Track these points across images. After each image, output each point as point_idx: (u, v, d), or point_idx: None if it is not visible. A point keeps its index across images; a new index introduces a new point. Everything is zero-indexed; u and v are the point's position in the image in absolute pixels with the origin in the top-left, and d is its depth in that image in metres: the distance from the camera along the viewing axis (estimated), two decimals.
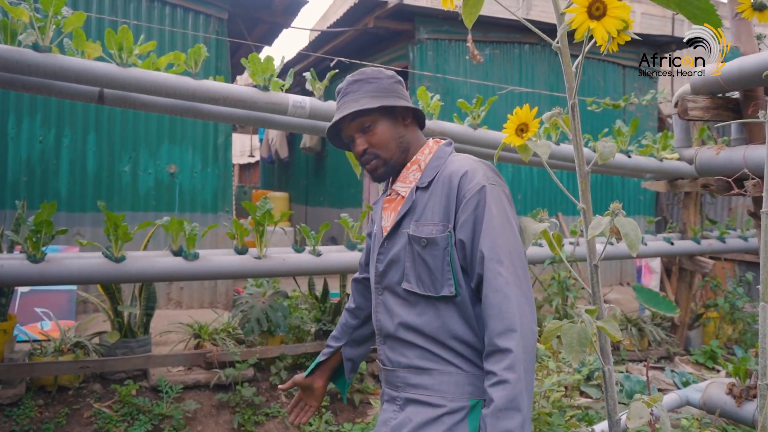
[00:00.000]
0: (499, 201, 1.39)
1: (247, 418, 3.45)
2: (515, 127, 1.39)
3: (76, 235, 5.05)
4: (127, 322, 3.65)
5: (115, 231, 2.90)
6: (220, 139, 5.67)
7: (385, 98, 1.46)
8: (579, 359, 1.27)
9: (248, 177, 16.80)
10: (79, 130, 5.10)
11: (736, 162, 2.25)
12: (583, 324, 1.28)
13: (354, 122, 1.47)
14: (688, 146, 2.72)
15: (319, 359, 1.70)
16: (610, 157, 1.36)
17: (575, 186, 1.37)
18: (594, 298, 1.39)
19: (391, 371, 1.46)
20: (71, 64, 2.70)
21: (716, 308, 5.74)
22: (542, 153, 1.33)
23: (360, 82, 1.48)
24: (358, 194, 8.14)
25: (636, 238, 1.24)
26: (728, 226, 6.20)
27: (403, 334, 1.42)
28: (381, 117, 1.47)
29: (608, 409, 1.41)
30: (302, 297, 4.48)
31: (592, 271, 1.40)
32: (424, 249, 1.39)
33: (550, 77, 7.67)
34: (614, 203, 1.31)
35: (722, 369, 5.19)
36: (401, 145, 1.49)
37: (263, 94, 3.22)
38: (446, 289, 1.37)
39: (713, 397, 2.48)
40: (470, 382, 1.37)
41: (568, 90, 1.40)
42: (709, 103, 2.28)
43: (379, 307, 1.50)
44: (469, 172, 1.40)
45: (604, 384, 1.40)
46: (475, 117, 3.98)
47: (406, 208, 1.46)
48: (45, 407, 3.25)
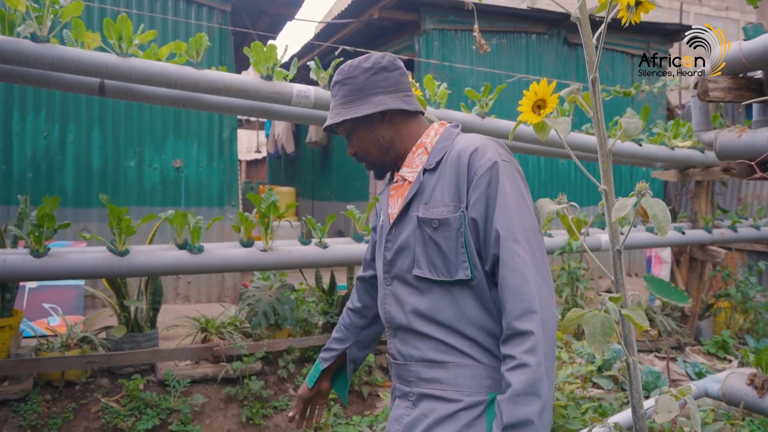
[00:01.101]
0: (513, 178, 1.30)
1: (255, 411, 3.38)
2: (531, 104, 1.29)
3: (82, 230, 5.00)
4: (134, 316, 3.58)
5: (119, 225, 2.83)
6: (225, 133, 5.59)
7: (355, 103, 1.38)
8: (603, 350, 1.17)
9: (255, 173, 16.74)
10: (83, 125, 5.03)
11: (759, 144, 2.14)
12: (607, 313, 1.19)
13: (338, 130, 1.44)
14: (708, 129, 2.60)
15: (323, 366, 1.61)
16: (635, 134, 1.25)
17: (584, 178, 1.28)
18: (617, 285, 1.29)
19: (403, 365, 1.36)
20: (70, 55, 2.62)
21: (728, 298, 5.61)
22: (562, 131, 1.23)
23: (338, 85, 1.42)
24: (365, 187, 8.04)
25: (665, 219, 1.14)
26: (740, 215, 6.05)
27: (415, 324, 1.32)
28: (355, 125, 1.41)
29: (633, 402, 1.31)
30: (309, 290, 4.40)
31: (615, 257, 1.30)
32: (435, 231, 1.29)
33: (557, 67, 7.53)
34: (640, 183, 1.21)
35: (734, 359, 5.08)
36: (382, 147, 1.42)
37: (266, 83, 3.13)
38: (461, 272, 1.27)
39: (733, 388, 2.38)
40: (489, 374, 1.28)
41: (589, 63, 1.30)
42: (730, 84, 2.17)
43: (388, 298, 1.40)
44: (480, 149, 1.31)
45: (629, 376, 1.30)
46: (483, 105, 3.88)
47: (413, 191, 1.36)
48: (52, 402, 3.18)
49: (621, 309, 1.21)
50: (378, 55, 1.43)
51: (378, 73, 1.40)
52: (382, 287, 1.42)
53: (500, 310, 1.29)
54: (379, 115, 1.40)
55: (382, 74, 1.40)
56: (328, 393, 1.66)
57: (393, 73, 1.41)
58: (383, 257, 1.42)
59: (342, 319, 1.66)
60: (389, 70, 1.41)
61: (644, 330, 1.12)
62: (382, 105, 1.37)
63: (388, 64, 1.41)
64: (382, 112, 1.40)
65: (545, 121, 1.27)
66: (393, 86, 1.40)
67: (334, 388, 1.66)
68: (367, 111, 1.36)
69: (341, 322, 1.66)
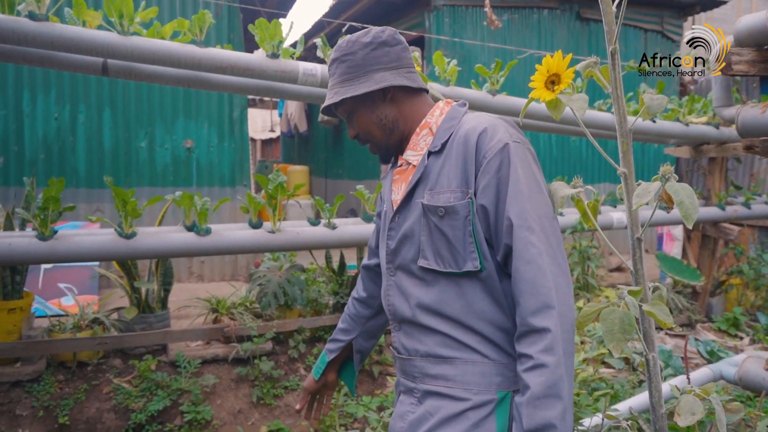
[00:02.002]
0: (525, 160, 1.16)
1: (266, 391, 3.32)
2: (545, 80, 1.15)
3: (96, 211, 4.94)
4: (145, 297, 3.52)
5: (124, 207, 2.74)
6: (235, 113, 5.46)
7: (354, 81, 1.25)
8: (621, 348, 1.05)
9: (270, 152, 16.66)
10: (93, 106, 4.94)
11: None
12: (626, 308, 1.07)
13: (337, 111, 1.31)
14: (729, 105, 2.43)
15: (330, 358, 1.51)
16: (659, 111, 1.11)
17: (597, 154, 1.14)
18: (637, 276, 1.17)
19: (408, 360, 1.25)
20: (70, 34, 2.50)
21: (740, 275, 5.45)
22: (578, 108, 1.09)
23: (336, 63, 1.28)
24: (377, 166, 7.90)
25: (692, 206, 1.01)
26: (753, 191, 5.84)
27: (421, 318, 1.21)
28: (355, 104, 1.28)
29: (652, 401, 1.19)
30: (319, 270, 4.31)
31: (635, 246, 1.18)
32: (441, 219, 1.17)
33: (570, 43, 7.26)
34: (664, 166, 1.07)
35: (745, 336, 4.94)
36: (385, 128, 1.29)
37: (272, 61, 2.99)
38: (470, 263, 1.15)
39: (751, 373, 2.26)
40: (498, 372, 1.17)
41: (608, 33, 1.16)
42: (755, 56, 2.00)
43: (391, 289, 1.28)
44: (489, 129, 1.17)
45: (648, 373, 1.18)
46: (494, 83, 3.70)
47: (417, 175, 1.23)
48: (65, 383, 3.15)
49: (642, 304, 1.09)
50: (377, 30, 1.29)
51: (378, 48, 1.26)
52: (386, 277, 1.31)
53: (512, 303, 1.17)
54: (381, 93, 1.27)
55: (382, 49, 1.27)
56: (335, 384, 1.56)
57: (394, 48, 1.28)
58: (386, 246, 1.30)
59: (347, 309, 1.56)
60: (390, 44, 1.27)
61: (668, 327, 1.00)
62: (384, 81, 1.24)
63: (389, 38, 1.28)
64: (384, 89, 1.27)
65: (560, 97, 1.13)
66: (395, 62, 1.27)
67: (341, 378, 1.57)
68: (368, 88, 1.23)
69: (346, 312, 1.55)
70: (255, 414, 3.24)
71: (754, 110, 2.11)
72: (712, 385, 1.19)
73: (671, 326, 1.05)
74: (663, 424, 1.18)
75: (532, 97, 1.15)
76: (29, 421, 2.90)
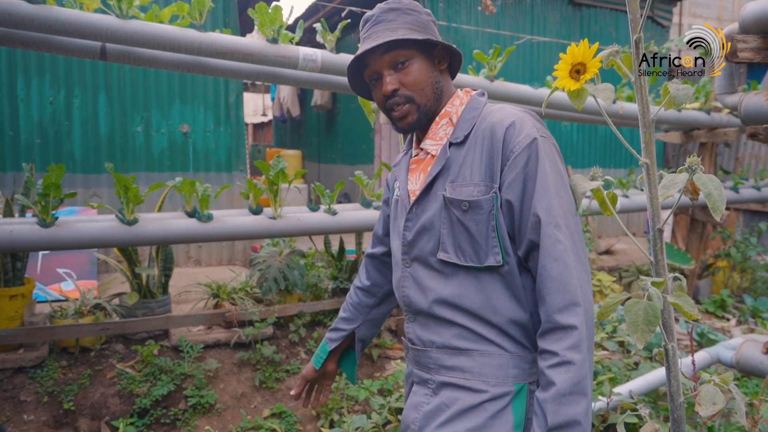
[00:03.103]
0: (551, 156, 1.14)
1: (268, 375, 3.31)
2: (569, 69, 1.12)
3: (93, 196, 4.85)
4: (146, 283, 3.47)
5: (126, 194, 2.68)
6: (231, 98, 5.36)
7: (423, 33, 1.19)
8: (646, 339, 1.03)
9: (262, 136, 16.46)
10: (89, 91, 4.82)
11: None
12: (651, 300, 1.05)
13: (387, 55, 1.18)
14: (731, 92, 2.41)
15: (331, 347, 1.46)
16: (685, 101, 1.08)
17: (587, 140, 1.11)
18: (658, 267, 1.14)
19: (422, 351, 1.23)
20: (67, 17, 2.41)
21: (727, 258, 5.50)
22: (605, 98, 1.06)
23: (397, 11, 1.20)
24: (370, 151, 7.83)
25: (720, 198, 0.98)
26: (741, 176, 5.88)
27: (438, 310, 1.18)
28: (420, 54, 1.20)
29: (671, 390, 1.18)
30: (318, 255, 4.28)
31: (656, 236, 1.15)
32: (465, 213, 1.13)
33: (562, 28, 7.20)
34: (691, 157, 1.05)
35: (732, 317, 5.00)
36: (436, 91, 1.22)
37: (272, 46, 2.91)
38: (492, 258, 1.12)
39: (748, 357, 2.27)
40: (515, 364, 1.15)
41: (632, 22, 1.12)
42: (761, 44, 1.97)
43: (407, 280, 1.25)
44: (517, 123, 1.13)
45: (667, 363, 1.17)
46: (492, 68, 3.65)
47: (439, 167, 1.19)
48: (68, 368, 3.11)
49: (666, 295, 1.07)
50: None
51: (434, 22, 1.26)
52: (400, 268, 1.27)
53: (530, 297, 1.15)
54: (439, 59, 1.24)
55: (435, 25, 1.26)
56: (334, 374, 1.52)
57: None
58: (402, 237, 1.26)
59: (350, 297, 1.51)
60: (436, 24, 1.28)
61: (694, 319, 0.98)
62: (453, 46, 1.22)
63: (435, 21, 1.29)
64: (440, 58, 1.24)
65: (585, 87, 1.10)
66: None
67: (342, 367, 1.53)
68: (443, 42, 1.20)
69: (349, 301, 1.51)
70: (257, 397, 3.22)
71: (757, 97, 2.09)
72: (729, 374, 1.18)
73: (697, 318, 1.03)
74: (681, 413, 1.17)
75: (556, 86, 1.11)
76: (33, 406, 2.87)
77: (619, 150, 7.94)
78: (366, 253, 1.52)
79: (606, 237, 7.78)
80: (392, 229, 1.34)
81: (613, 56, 1.16)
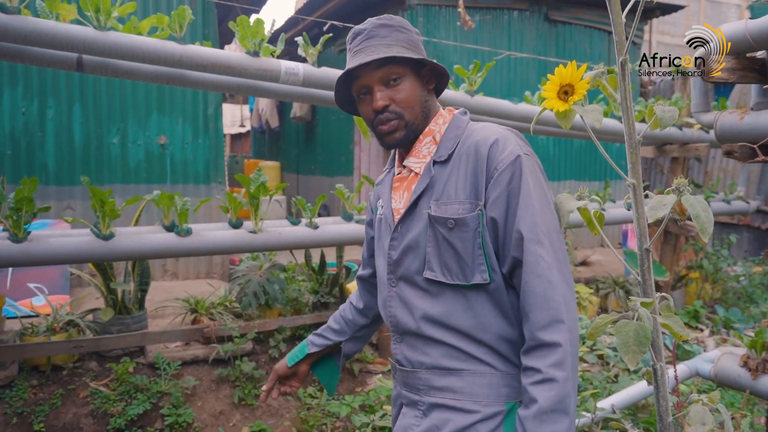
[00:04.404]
0: (535, 173, 1.13)
1: (247, 392, 3.23)
2: (557, 90, 1.12)
3: (66, 209, 4.72)
4: (121, 298, 3.38)
5: (102, 207, 2.60)
6: (210, 109, 5.30)
7: (417, 54, 1.19)
8: (637, 360, 1.03)
9: (239, 147, 16.32)
10: (63, 101, 4.70)
11: (762, 127, 2.00)
12: (641, 320, 1.05)
13: (380, 70, 1.17)
14: (707, 110, 2.47)
15: (311, 350, 1.45)
16: (671, 123, 1.09)
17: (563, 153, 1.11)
18: (645, 286, 1.15)
19: (411, 372, 1.21)
20: (43, 28, 2.35)
21: (700, 269, 5.61)
22: (593, 120, 1.06)
23: (390, 28, 1.19)
24: (350, 163, 7.82)
25: (708, 220, 0.99)
26: (711, 189, 6.02)
27: (426, 330, 1.16)
28: (411, 73, 1.19)
29: (660, 410, 1.18)
30: (299, 268, 4.23)
31: (644, 256, 1.16)
32: (450, 231, 1.12)
33: (538, 44, 7.31)
34: (678, 179, 1.05)
35: (705, 328, 5.09)
36: (425, 110, 1.22)
37: (254, 60, 2.88)
38: (478, 275, 1.11)
39: (726, 369, 2.29)
40: (506, 382, 1.13)
41: (618, 44, 1.13)
42: (735, 64, 2.02)
43: (393, 300, 1.23)
44: (500, 140, 1.13)
45: (655, 383, 1.17)
46: (472, 83, 3.68)
47: (423, 185, 1.18)
48: (39, 388, 3.00)
49: (655, 316, 1.07)
50: None
51: (420, 42, 1.26)
52: (386, 288, 1.25)
53: (518, 314, 1.14)
54: (427, 79, 1.24)
55: (422, 45, 1.26)
56: (305, 376, 1.50)
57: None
58: (387, 256, 1.24)
59: (343, 311, 1.50)
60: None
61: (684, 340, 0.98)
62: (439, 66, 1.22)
63: None
64: (429, 77, 1.24)
65: (574, 108, 1.10)
66: None
67: (315, 373, 1.51)
68: (432, 61, 1.20)
69: (342, 314, 1.49)
70: (236, 415, 3.15)
71: (732, 116, 2.14)
72: (715, 393, 1.19)
73: (686, 338, 1.03)
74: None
75: (545, 107, 1.11)
76: (2, 428, 2.75)
77: (595, 163, 8.07)
78: (357, 276, 1.52)
79: (582, 248, 7.88)
80: (377, 249, 1.32)
81: (599, 77, 1.17)
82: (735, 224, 7.64)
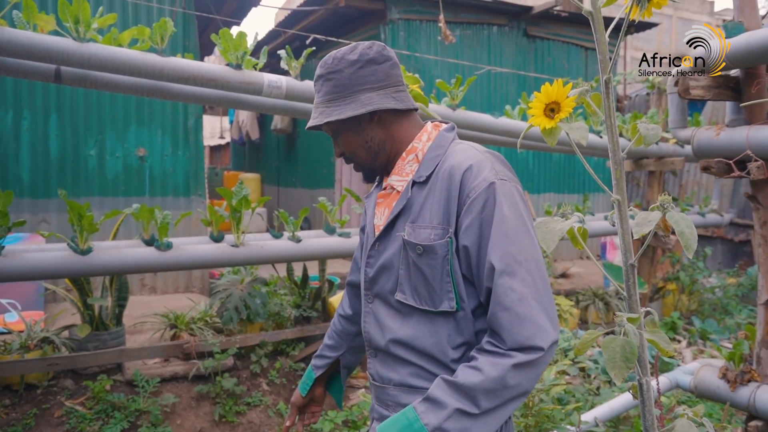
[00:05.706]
0: (511, 199, 1.11)
1: (228, 408, 3.18)
2: (543, 108, 1.13)
3: (41, 222, 4.62)
4: (98, 314, 3.30)
5: (80, 221, 2.55)
6: (190, 121, 5.25)
7: (340, 102, 1.17)
8: (624, 376, 1.04)
9: (219, 158, 16.20)
10: (39, 112, 4.62)
11: (737, 143, 2.06)
12: (627, 336, 1.06)
13: (322, 129, 1.24)
14: (684, 126, 2.53)
15: (317, 374, 1.44)
16: (654, 140, 1.11)
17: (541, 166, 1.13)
18: (631, 302, 1.16)
19: (382, 387, 1.23)
20: (20, 39, 2.31)
21: (676, 281, 5.71)
22: (579, 137, 1.07)
23: (321, 80, 1.21)
24: (331, 175, 7.81)
25: (692, 237, 1.00)
26: (687, 202, 6.15)
27: (394, 349, 1.18)
28: (340, 126, 1.21)
29: (645, 424, 1.19)
30: (281, 282, 4.19)
31: (629, 272, 1.17)
32: (420, 257, 1.12)
33: (517, 58, 7.43)
34: (663, 195, 1.07)
35: (682, 339, 5.17)
36: (371, 150, 1.22)
37: (236, 72, 2.87)
38: (446, 303, 1.12)
39: (705, 381, 2.33)
40: None
41: (602, 63, 1.14)
42: (710, 82, 2.08)
43: (368, 317, 1.25)
44: (474, 166, 1.11)
45: (641, 398, 1.18)
46: (454, 97, 3.71)
47: (400, 206, 1.18)
48: (11, 407, 2.90)
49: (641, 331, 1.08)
50: (365, 45, 1.20)
51: (365, 66, 1.18)
52: (364, 303, 1.27)
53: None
54: (368, 115, 1.20)
55: (369, 68, 1.18)
56: (323, 398, 1.50)
57: (382, 65, 1.19)
58: (364, 273, 1.25)
59: (333, 325, 1.50)
60: (378, 62, 1.19)
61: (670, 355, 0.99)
62: (371, 104, 1.16)
63: (377, 55, 1.19)
64: (371, 111, 1.19)
65: (560, 125, 1.11)
66: (382, 81, 1.19)
67: (330, 392, 1.52)
68: (353, 112, 1.16)
69: (333, 328, 1.50)
70: None
71: (708, 132, 2.19)
72: (700, 407, 1.20)
73: (672, 354, 1.04)
74: None
75: (531, 124, 1.12)
76: None
77: (573, 176, 8.19)
78: (347, 281, 1.51)
79: (561, 260, 7.96)
80: (360, 261, 1.33)
81: (584, 95, 1.19)
82: (709, 236, 7.81)
